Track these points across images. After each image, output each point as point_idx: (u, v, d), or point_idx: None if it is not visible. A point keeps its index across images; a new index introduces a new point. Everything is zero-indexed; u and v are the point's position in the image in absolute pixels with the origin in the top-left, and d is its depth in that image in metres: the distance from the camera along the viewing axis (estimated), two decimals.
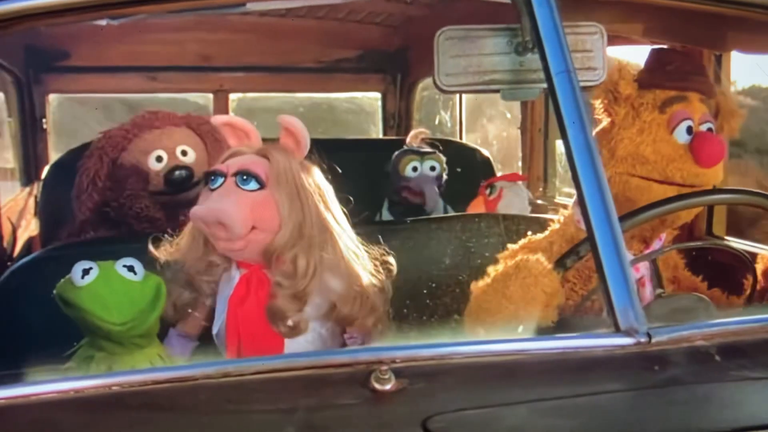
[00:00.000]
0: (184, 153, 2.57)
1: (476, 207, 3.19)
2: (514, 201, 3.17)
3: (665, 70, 2.02)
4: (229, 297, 1.85)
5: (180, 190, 2.53)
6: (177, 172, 2.53)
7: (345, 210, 1.92)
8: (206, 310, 1.93)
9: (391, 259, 1.94)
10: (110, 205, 2.55)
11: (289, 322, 1.80)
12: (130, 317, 1.66)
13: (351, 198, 1.94)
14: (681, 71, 2.01)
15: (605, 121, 2.01)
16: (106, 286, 1.66)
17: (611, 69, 1.94)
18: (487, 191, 3.20)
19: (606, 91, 1.97)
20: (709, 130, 1.98)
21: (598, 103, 1.99)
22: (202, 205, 1.78)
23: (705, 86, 2.03)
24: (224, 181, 1.78)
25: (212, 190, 1.79)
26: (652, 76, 2.02)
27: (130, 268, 1.70)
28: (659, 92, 1.98)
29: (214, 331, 1.88)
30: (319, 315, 1.86)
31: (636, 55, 2.21)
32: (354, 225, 1.93)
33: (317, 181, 1.87)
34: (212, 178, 1.80)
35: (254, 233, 1.78)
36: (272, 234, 1.78)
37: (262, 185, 1.76)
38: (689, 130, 1.96)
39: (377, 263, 1.92)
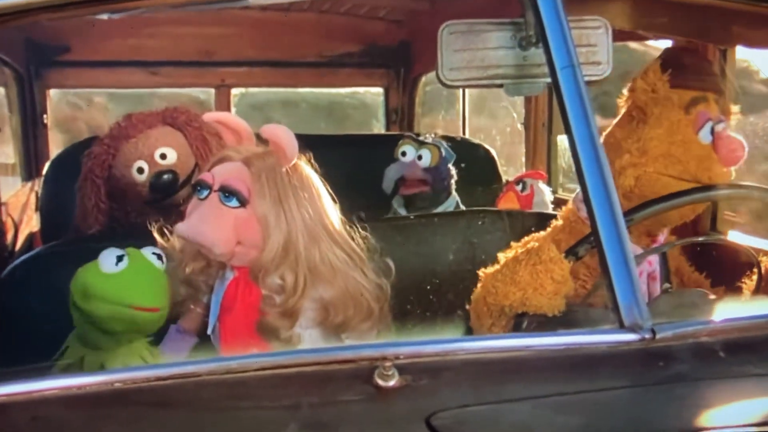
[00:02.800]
0: (163, 156, 2.50)
1: (507, 202, 3.20)
2: (539, 198, 3.21)
3: (687, 70, 2.02)
4: (220, 299, 1.85)
5: (168, 194, 2.50)
6: (161, 178, 2.48)
7: (349, 207, 1.91)
8: (204, 307, 1.93)
9: (390, 261, 1.93)
10: (119, 222, 2.55)
11: (282, 338, 1.79)
12: (162, 303, 1.70)
13: (337, 200, 1.92)
14: (700, 71, 2.02)
15: (622, 118, 2.01)
16: (141, 271, 1.68)
17: (649, 67, 1.95)
18: (518, 187, 3.21)
19: (643, 90, 1.97)
20: (724, 129, 1.98)
21: (627, 102, 2.00)
22: (186, 224, 1.77)
23: (720, 86, 2.05)
24: (209, 194, 1.77)
25: (200, 200, 1.79)
26: (675, 76, 2.01)
27: (159, 257, 1.74)
28: (683, 92, 1.98)
29: (209, 331, 1.88)
30: (311, 323, 1.84)
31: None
32: (359, 222, 1.92)
33: (307, 184, 1.84)
34: (199, 188, 1.79)
35: (239, 247, 1.77)
36: (257, 249, 1.78)
37: (243, 203, 1.75)
38: (711, 130, 1.97)
39: (376, 262, 1.91)
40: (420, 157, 3.23)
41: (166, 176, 2.48)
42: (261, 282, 1.79)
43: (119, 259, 1.68)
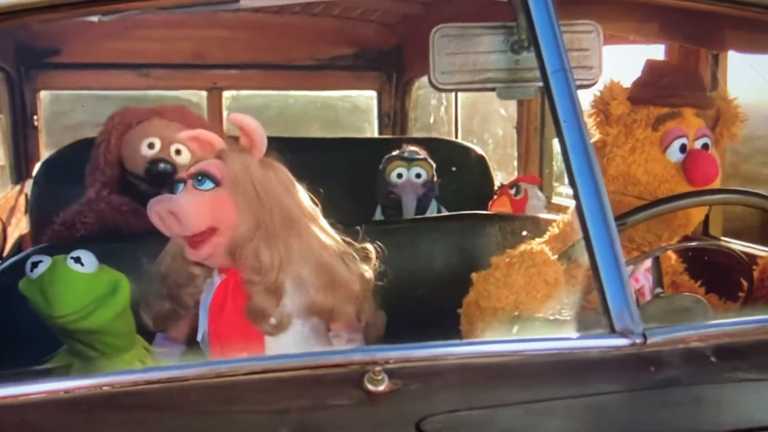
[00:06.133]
0: (178, 152, 2.53)
1: (500, 206, 3.19)
2: (533, 202, 3.20)
3: (658, 86, 1.99)
4: (209, 304, 1.87)
5: (157, 184, 2.48)
6: (159, 165, 2.49)
7: (338, 210, 1.91)
8: (191, 315, 1.94)
9: (370, 247, 1.94)
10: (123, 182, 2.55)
11: (272, 321, 1.81)
12: (70, 309, 1.62)
13: (321, 197, 1.93)
14: (674, 86, 1.98)
15: (596, 137, 1.99)
16: (51, 277, 1.63)
17: (603, 88, 1.92)
18: (512, 191, 3.21)
19: (597, 110, 1.95)
20: (705, 145, 1.95)
21: (590, 122, 1.96)
22: (160, 197, 1.80)
23: (700, 100, 1.99)
24: (184, 186, 1.81)
25: None
26: (644, 91, 1.98)
27: (77, 260, 1.66)
28: (653, 109, 1.95)
29: (199, 337, 1.90)
30: (298, 311, 1.86)
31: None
32: (348, 224, 1.93)
33: (280, 177, 1.87)
34: (174, 186, 1.83)
35: (216, 235, 1.79)
36: (232, 230, 1.80)
37: (217, 183, 1.78)
38: (683, 148, 1.93)
39: (358, 255, 1.92)
40: (418, 176, 3.23)
41: (165, 166, 2.48)
42: (238, 259, 1.80)
43: (35, 265, 1.65)
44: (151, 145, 2.52)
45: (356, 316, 1.92)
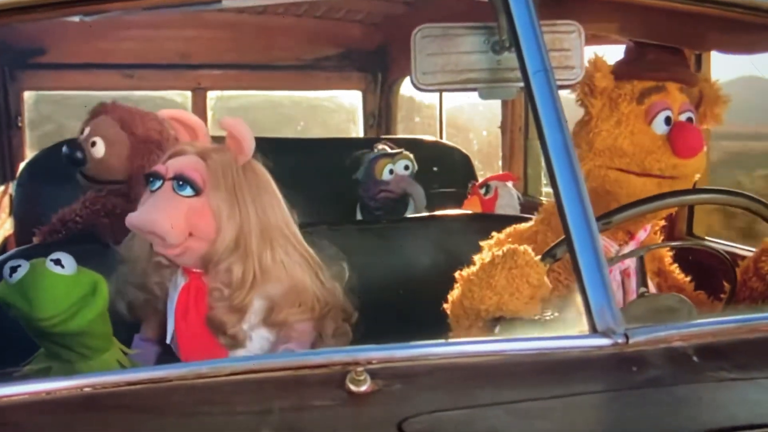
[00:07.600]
0: (93, 144, 2.54)
1: (470, 206, 3.19)
2: (505, 201, 3.19)
3: (643, 61, 2.01)
4: (174, 307, 1.85)
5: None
6: (73, 151, 2.52)
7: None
8: (162, 314, 1.92)
9: (344, 264, 1.93)
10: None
11: (229, 333, 1.79)
12: (53, 312, 1.59)
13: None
14: (659, 61, 2.01)
15: (582, 114, 2.00)
16: (32, 281, 1.62)
17: (587, 62, 1.93)
18: (482, 190, 3.21)
19: (582, 84, 1.96)
20: (689, 119, 1.97)
21: (575, 96, 1.98)
22: (137, 213, 1.77)
23: (684, 75, 2.03)
24: (162, 185, 1.77)
25: (152, 191, 1.78)
26: (629, 67, 2.01)
27: (57, 262, 1.63)
28: (637, 83, 1.97)
29: (168, 340, 1.88)
30: (261, 322, 1.84)
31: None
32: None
33: (262, 184, 1.85)
34: (151, 179, 1.79)
35: (191, 240, 1.77)
36: (209, 241, 1.77)
37: (197, 191, 1.75)
38: (668, 120, 1.95)
39: (330, 265, 1.92)
40: (406, 167, 3.23)
41: (78, 153, 2.51)
42: (210, 272, 1.79)
43: (14, 269, 1.63)
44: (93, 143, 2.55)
45: (315, 329, 1.90)
